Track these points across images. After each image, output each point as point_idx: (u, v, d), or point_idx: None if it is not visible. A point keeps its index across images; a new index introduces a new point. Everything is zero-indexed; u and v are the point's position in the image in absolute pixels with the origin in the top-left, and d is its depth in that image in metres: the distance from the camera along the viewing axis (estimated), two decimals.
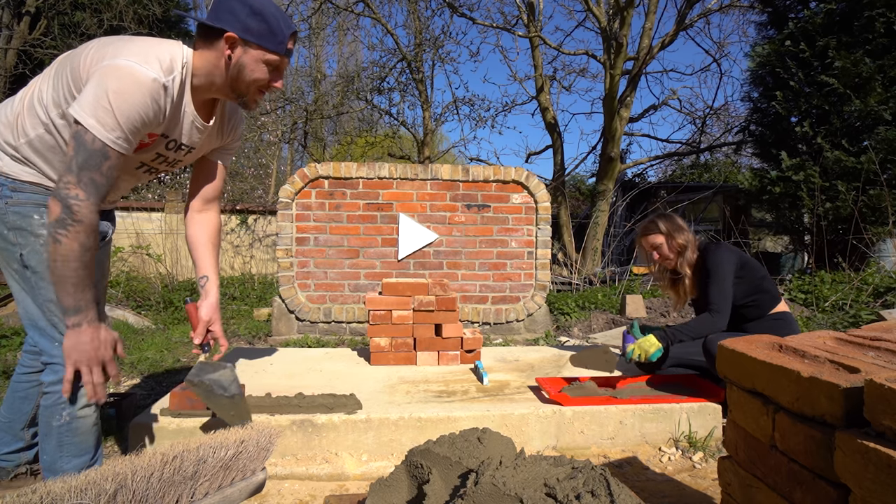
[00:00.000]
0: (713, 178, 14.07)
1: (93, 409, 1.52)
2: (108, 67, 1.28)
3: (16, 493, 1.19)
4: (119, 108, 1.26)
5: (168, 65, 1.36)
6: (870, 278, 4.94)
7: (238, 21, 1.38)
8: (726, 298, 2.39)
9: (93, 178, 1.26)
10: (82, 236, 1.25)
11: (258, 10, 1.39)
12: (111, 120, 1.26)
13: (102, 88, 1.25)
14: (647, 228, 2.62)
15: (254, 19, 1.39)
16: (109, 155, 1.28)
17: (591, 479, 1.06)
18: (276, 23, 1.41)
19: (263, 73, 1.45)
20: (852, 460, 0.89)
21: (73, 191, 1.24)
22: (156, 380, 3.19)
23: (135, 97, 1.28)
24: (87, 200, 1.25)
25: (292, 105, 11.99)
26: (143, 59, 1.31)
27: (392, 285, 2.89)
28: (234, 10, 1.38)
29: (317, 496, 1.78)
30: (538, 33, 10.06)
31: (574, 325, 4.77)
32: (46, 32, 10.41)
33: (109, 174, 1.29)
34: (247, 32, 1.39)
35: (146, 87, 1.30)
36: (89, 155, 1.25)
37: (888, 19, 5.98)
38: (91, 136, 1.25)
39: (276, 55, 1.44)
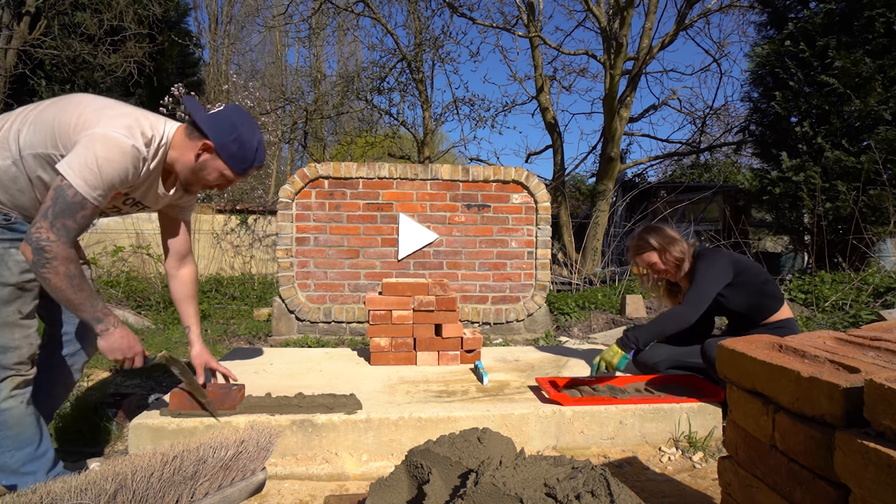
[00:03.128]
0: (713, 178, 14.06)
1: (18, 400, 1.57)
2: (98, 135, 1.47)
3: (16, 494, 1.19)
4: (104, 171, 1.46)
5: (148, 138, 1.57)
6: (870, 278, 4.94)
7: (222, 137, 1.63)
8: (700, 296, 2.33)
9: (65, 223, 1.44)
10: (62, 268, 1.44)
11: (242, 139, 1.66)
12: (96, 181, 1.45)
13: (92, 153, 1.44)
14: (639, 247, 2.52)
15: (234, 144, 1.65)
16: (86, 206, 1.47)
17: (591, 479, 1.06)
18: (249, 154, 1.68)
19: (216, 180, 1.71)
20: (852, 460, 0.89)
21: (45, 234, 1.42)
22: (156, 380, 3.18)
23: (119, 163, 1.49)
24: (57, 241, 1.43)
25: (292, 105, 11.99)
26: (130, 132, 1.52)
27: (392, 285, 2.89)
28: (224, 127, 1.64)
29: (317, 496, 1.78)
30: (538, 33, 10.06)
31: (574, 325, 4.77)
32: (46, 32, 10.40)
33: (82, 222, 1.48)
34: (222, 149, 1.64)
35: (129, 155, 1.50)
36: (67, 206, 1.44)
37: (888, 19, 5.98)
38: (73, 191, 1.44)
39: (232, 174, 1.69)
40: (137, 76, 11.21)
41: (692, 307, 2.32)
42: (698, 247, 2.54)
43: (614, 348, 2.33)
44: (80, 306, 1.51)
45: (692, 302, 2.33)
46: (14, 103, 10.23)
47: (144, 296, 5.96)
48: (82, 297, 1.49)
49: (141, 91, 12.25)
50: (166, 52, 12.82)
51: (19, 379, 1.58)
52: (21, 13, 10.40)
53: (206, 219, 8.18)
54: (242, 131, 1.66)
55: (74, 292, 1.48)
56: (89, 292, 1.52)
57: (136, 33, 10.79)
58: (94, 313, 1.53)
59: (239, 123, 1.66)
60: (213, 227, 8.21)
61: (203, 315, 5.26)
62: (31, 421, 1.60)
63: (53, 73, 10.86)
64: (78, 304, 1.50)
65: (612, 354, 2.33)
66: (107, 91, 11.76)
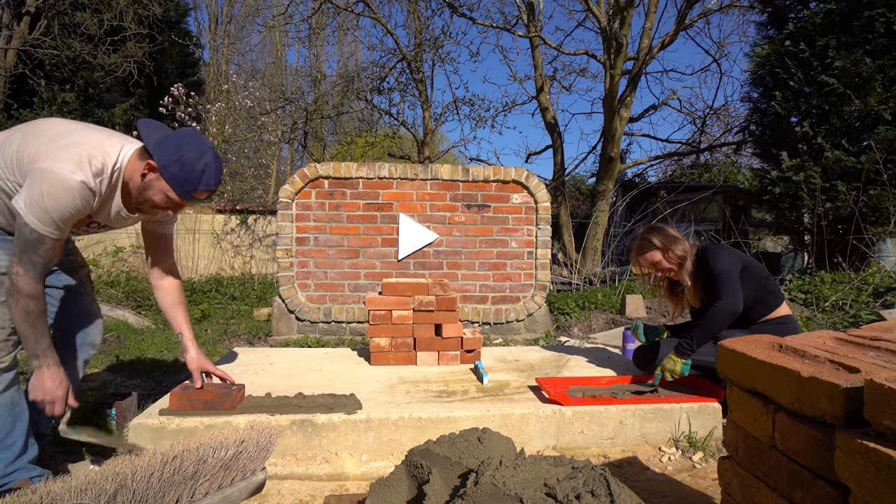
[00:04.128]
0: (713, 178, 14.05)
1: None
2: (45, 172, 1.52)
3: (15, 493, 1.19)
4: (52, 209, 1.53)
5: (98, 169, 1.60)
6: (870, 278, 4.93)
7: (165, 158, 1.63)
8: (731, 284, 2.34)
9: (31, 258, 1.55)
10: (22, 302, 1.56)
11: (184, 160, 1.64)
12: (46, 217, 1.53)
13: (38, 190, 1.51)
14: (641, 246, 2.53)
15: (176, 165, 1.64)
16: (44, 241, 1.55)
17: (591, 479, 1.06)
18: (192, 177, 1.66)
19: (161, 201, 1.71)
20: (852, 460, 0.89)
21: (16, 268, 1.54)
22: (156, 380, 3.18)
23: (63, 200, 1.54)
24: (25, 275, 1.55)
25: (292, 105, 11.98)
26: (78, 166, 1.55)
27: (392, 285, 2.89)
28: (169, 148, 1.64)
29: (317, 496, 1.78)
30: (538, 33, 10.05)
31: (574, 325, 4.77)
32: (46, 32, 10.40)
33: (45, 255, 1.57)
34: (165, 169, 1.64)
35: (75, 190, 1.55)
36: (27, 243, 1.53)
37: (888, 19, 5.97)
38: (29, 229, 1.52)
39: (177, 196, 1.68)
40: (137, 76, 11.21)
41: (731, 296, 2.33)
42: (700, 245, 2.54)
43: (674, 358, 2.34)
44: (26, 338, 1.60)
45: (728, 292, 2.33)
46: (14, 103, 10.23)
47: (144, 296, 5.96)
48: (31, 333, 1.59)
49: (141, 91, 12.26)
50: (166, 52, 12.82)
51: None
52: (21, 13, 10.40)
53: (206, 219, 8.17)
54: (186, 152, 1.64)
55: (27, 326, 1.58)
56: (41, 331, 1.61)
57: (136, 33, 10.78)
58: (35, 349, 1.61)
59: (184, 144, 1.65)
60: (213, 227, 8.20)
61: (203, 315, 5.25)
62: (2, 411, 1.64)
63: (53, 73, 10.86)
64: (25, 336, 1.60)
65: (674, 363, 2.34)
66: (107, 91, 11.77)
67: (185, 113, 9.77)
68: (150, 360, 3.60)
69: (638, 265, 2.60)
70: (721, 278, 2.36)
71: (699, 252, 2.50)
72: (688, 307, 2.65)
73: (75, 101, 11.01)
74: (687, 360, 2.33)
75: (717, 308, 2.32)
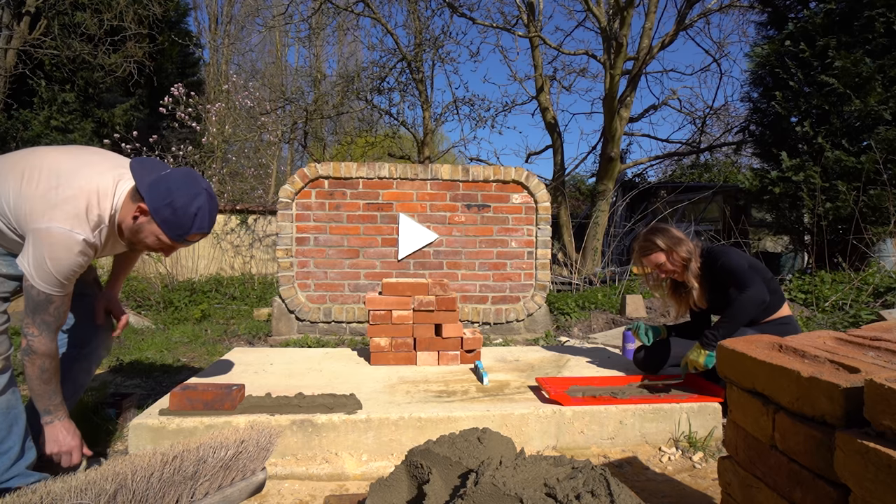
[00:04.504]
0: (713, 178, 14.05)
1: None
2: (41, 233, 1.53)
3: (15, 493, 1.19)
4: (56, 270, 1.55)
5: (96, 222, 1.61)
6: (870, 278, 4.93)
7: (156, 201, 1.62)
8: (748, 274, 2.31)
9: (43, 319, 1.59)
10: (38, 361, 1.59)
11: (175, 205, 1.63)
12: (51, 279, 1.56)
13: (41, 254, 1.53)
14: (645, 247, 2.49)
15: (168, 209, 1.62)
16: (53, 300, 1.58)
17: (591, 479, 1.06)
18: (184, 221, 1.65)
19: (154, 243, 1.71)
20: (852, 460, 0.89)
21: (30, 329, 1.58)
22: (156, 380, 3.18)
23: (68, 259, 1.56)
24: (40, 336, 1.59)
25: (292, 105, 11.98)
26: (77, 223, 1.56)
27: (392, 285, 2.89)
28: (160, 191, 1.62)
29: (317, 496, 1.78)
30: (538, 33, 10.05)
31: (574, 325, 4.77)
32: (46, 32, 10.40)
33: (56, 312, 1.60)
34: (156, 213, 1.63)
35: (76, 249, 1.57)
36: (37, 304, 1.57)
37: (888, 19, 5.97)
38: (37, 291, 1.56)
39: (168, 239, 1.68)
40: (137, 76, 11.21)
41: (757, 285, 2.29)
42: (704, 246, 2.52)
43: (698, 349, 2.32)
44: (39, 396, 1.63)
45: (752, 282, 2.29)
46: (14, 103, 10.23)
47: (144, 296, 5.96)
48: (44, 390, 1.63)
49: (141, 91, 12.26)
50: (166, 52, 12.82)
51: None
52: (21, 13, 10.40)
53: None
54: (177, 196, 1.61)
55: (40, 384, 1.62)
56: (53, 388, 1.65)
57: (136, 33, 10.78)
58: (47, 405, 1.64)
59: (175, 188, 1.62)
60: (213, 228, 8.22)
61: (203, 315, 5.26)
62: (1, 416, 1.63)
63: (53, 73, 10.86)
64: (39, 394, 1.63)
65: (698, 354, 2.31)
66: (107, 91, 11.76)
67: (185, 113, 9.77)
68: (150, 360, 3.60)
69: (641, 266, 2.58)
70: (739, 272, 2.34)
71: (705, 253, 2.47)
72: (691, 308, 2.64)
73: (75, 101, 11.00)
74: (712, 351, 2.29)
75: (746, 296, 2.27)
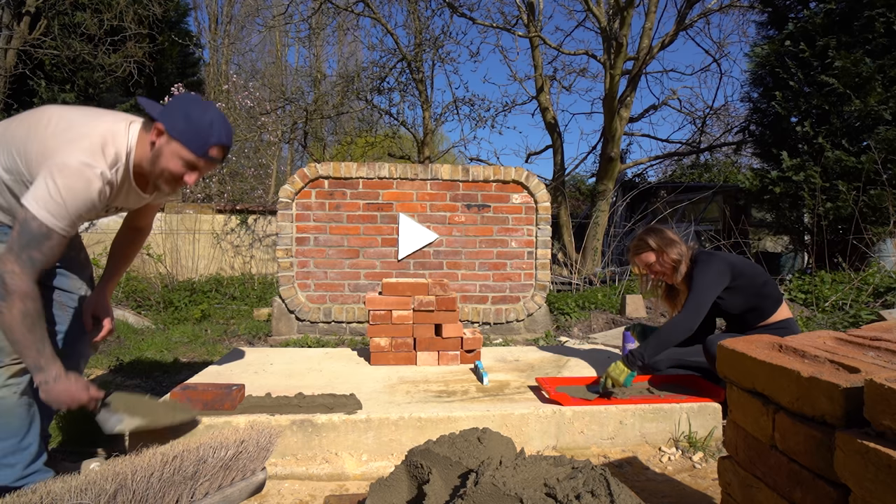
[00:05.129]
0: (713, 178, 14.05)
1: (12, 390, 1.57)
2: (60, 165, 1.43)
3: (16, 493, 1.19)
4: (70, 203, 1.43)
5: (113, 159, 1.53)
6: (870, 278, 4.93)
7: (171, 118, 1.55)
8: (699, 303, 2.31)
9: (31, 255, 1.41)
10: (19, 305, 1.40)
11: (190, 115, 1.56)
12: (63, 212, 1.43)
13: (54, 184, 1.41)
14: (637, 247, 2.53)
15: (183, 121, 1.55)
16: (52, 237, 1.44)
17: (591, 479, 1.06)
18: (203, 130, 1.56)
19: (177, 167, 1.58)
20: (852, 460, 0.89)
21: (9, 266, 1.40)
22: (156, 380, 3.19)
23: (84, 193, 1.45)
24: (21, 273, 1.40)
25: (292, 105, 11.98)
26: (92, 157, 1.47)
27: (392, 285, 2.89)
28: (173, 110, 1.56)
29: (317, 496, 1.78)
30: (538, 33, 10.05)
31: (574, 325, 4.77)
32: (46, 32, 10.40)
33: (49, 252, 1.45)
34: (172, 128, 1.54)
35: (95, 184, 1.47)
36: (31, 238, 1.41)
37: (888, 19, 5.97)
38: (38, 223, 1.41)
39: (191, 154, 1.57)
40: (137, 76, 11.20)
41: (691, 314, 2.30)
42: (696, 250, 2.52)
43: (620, 366, 2.26)
44: (26, 347, 1.44)
45: (691, 309, 2.30)
46: (14, 103, 10.23)
47: (144, 296, 5.96)
48: (30, 340, 1.43)
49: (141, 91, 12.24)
50: (166, 52, 12.81)
51: (15, 368, 1.57)
52: (21, 13, 10.39)
53: (206, 219, 8.18)
54: (191, 108, 1.56)
55: (24, 332, 1.42)
56: (40, 336, 1.45)
57: (136, 33, 10.77)
58: (37, 359, 1.45)
59: (186, 102, 1.58)
60: (213, 227, 8.21)
61: (203, 315, 5.25)
62: (21, 412, 1.60)
63: (53, 73, 10.86)
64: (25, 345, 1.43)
65: (619, 373, 2.26)
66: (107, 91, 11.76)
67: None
68: (150, 360, 3.60)
69: (634, 265, 2.60)
70: (692, 291, 2.33)
71: (694, 258, 2.48)
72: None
73: (75, 101, 10.99)
74: (633, 371, 2.24)
75: (675, 320, 2.29)
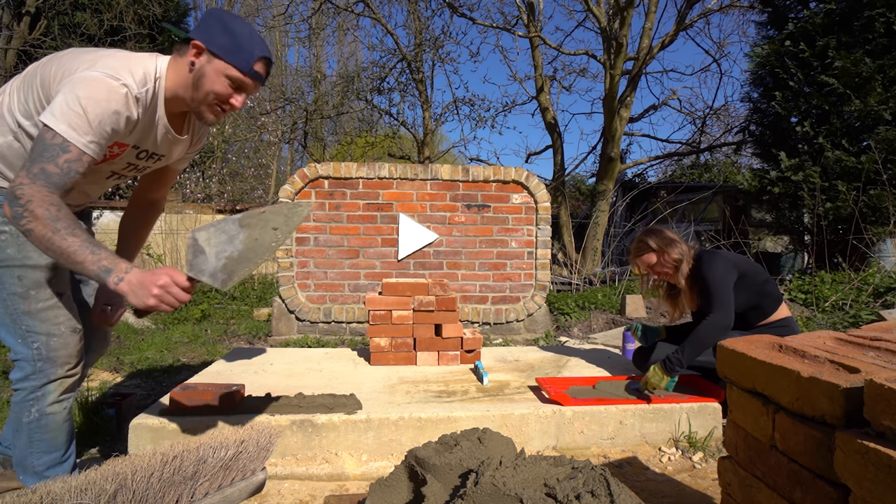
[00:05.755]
0: (713, 178, 14.05)
1: (63, 405, 1.55)
2: (80, 78, 1.28)
3: (16, 493, 1.19)
4: (92, 112, 1.26)
5: (141, 77, 1.38)
6: (870, 278, 4.93)
7: (207, 33, 1.41)
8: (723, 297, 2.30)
9: (44, 167, 1.23)
10: (41, 210, 1.20)
11: (230, 28, 1.42)
12: (84, 124, 1.26)
13: (74, 95, 1.25)
14: (638, 248, 2.53)
15: (223, 35, 1.41)
16: (70, 149, 1.25)
17: (591, 479, 1.06)
18: (245, 41, 1.43)
19: (223, 88, 1.44)
20: (852, 460, 0.89)
21: (19, 180, 1.22)
22: (156, 380, 3.19)
23: (108, 104, 1.29)
24: (32, 183, 1.22)
25: (292, 105, 11.99)
26: (116, 71, 1.33)
27: (392, 285, 2.89)
28: (208, 25, 1.42)
29: (317, 496, 1.78)
30: (538, 33, 10.05)
31: (574, 325, 4.77)
32: (46, 32, 10.40)
33: (66, 168, 1.25)
34: (212, 44, 1.41)
35: (119, 94, 1.31)
36: (45, 147, 1.24)
37: (888, 19, 5.97)
38: (52, 134, 1.24)
39: (238, 71, 1.43)
40: None
41: (723, 312, 2.28)
42: (698, 249, 2.53)
43: (659, 373, 2.24)
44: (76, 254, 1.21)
45: (721, 307, 2.28)
46: None
47: None
48: (77, 243, 1.22)
49: None
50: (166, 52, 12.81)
51: (69, 381, 1.55)
52: (21, 13, 10.40)
53: (206, 219, 8.18)
54: (228, 20, 1.42)
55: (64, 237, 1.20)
56: (86, 237, 1.24)
57: (136, 33, 10.77)
58: (97, 261, 1.23)
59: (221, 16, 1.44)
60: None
61: (203, 315, 5.25)
62: (68, 427, 1.59)
63: None
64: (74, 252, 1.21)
65: (659, 379, 2.23)
66: None
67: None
68: (150, 361, 3.60)
69: (636, 266, 2.60)
70: (713, 290, 2.32)
71: (696, 257, 2.48)
72: (687, 309, 2.65)
73: None
74: (674, 377, 2.23)
75: (708, 322, 2.27)
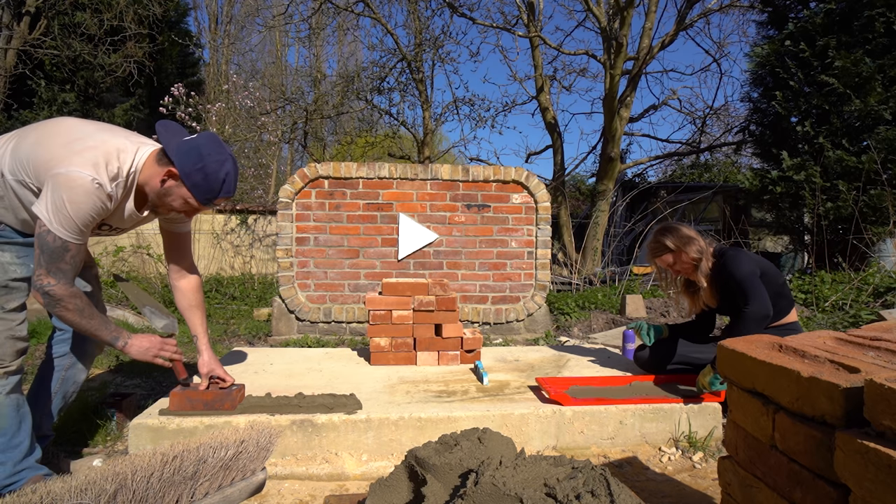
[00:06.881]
0: (713, 178, 14.04)
1: None
2: (62, 178, 1.53)
3: (15, 493, 1.19)
4: (75, 214, 1.55)
5: (115, 173, 1.62)
6: (870, 278, 4.93)
7: (187, 166, 1.66)
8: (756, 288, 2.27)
9: (59, 267, 1.59)
10: (70, 304, 1.62)
11: (207, 170, 1.67)
12: (70, 224, 1.56)
13: (60, 197, 1.53)
14: (655, 249, 2.49)
15: (199, 173, 1.67)
16: (69, 248, 1.59)
17: (591, 479, 1.06)
18: (214, 185, 1.70)
19: (181, 206, 1.74)
20: (852, 460, 0.89)
21: (45, 280, 1.58)
22: (156, 380, 3.18)
23: (87, 205, 1.57)
24: (58, 283, 1.59)
25: (292, 105, 11.98)
26: (94, 170, 1.57)
27: (392, 285, 2.89)
28: (191, 156, 1.66)
29: (317, 496, 1.78)
30: (538, 33, 10.05)
31: (574, 325, 4.77)
32: (46, 32, 10.39)
33: (72, 262, 1.61)
34: (187, 178, 1.66)
35: (93, 194, 1.57)
36: (52, 252, 1.56)
37: (888, 19, 5.97)
38: (53, 237, 1.55)
39: (198, 203, 1.72)
40: (137, 76, 11.20)
41: (760, 300, 2.25)
42: (717, 246, 2.49)
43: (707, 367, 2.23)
44: (95, 331, 1.69)
45: (755, 296, 2.26)
46: (14, 103, 10.23)
47: None
48: (94, 324, 1.68)
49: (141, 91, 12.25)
50: (166, 52, 12.81)
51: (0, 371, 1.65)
52: (21, 13, 10.39)
53: (206, 219, 8.18)
54: (209, 162, 1.67)
55: (86, 321, 1.66)
56: (100, 319, 1.70)
57: (136, 33, 10.78)
58: (109, 334, 1.72)
59: (206, 153, 1.67)
60: (213, 227, 8.21)
61: None
62: (9, 412, 1.65)
63: (53, 74, 10.85)
64: (93, 330, 1.68)
65: (704, 375, 2.22)
66: (107, 91, 11.76)
67: (186, 113, 9.77)
68: None
69: (654, 266, 2.58)
70: (745, 284, 2.30)
71: (717, 254, 2.45)
72: (690, 309, 2.65)
73: (75, 101, 11.00)
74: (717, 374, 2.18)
75: (748, 313, 2.24)
